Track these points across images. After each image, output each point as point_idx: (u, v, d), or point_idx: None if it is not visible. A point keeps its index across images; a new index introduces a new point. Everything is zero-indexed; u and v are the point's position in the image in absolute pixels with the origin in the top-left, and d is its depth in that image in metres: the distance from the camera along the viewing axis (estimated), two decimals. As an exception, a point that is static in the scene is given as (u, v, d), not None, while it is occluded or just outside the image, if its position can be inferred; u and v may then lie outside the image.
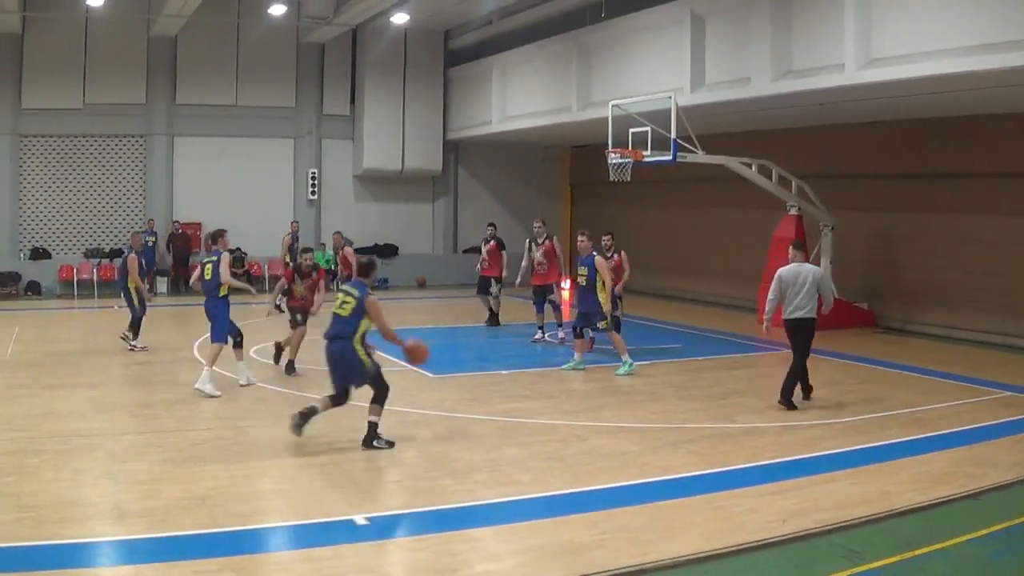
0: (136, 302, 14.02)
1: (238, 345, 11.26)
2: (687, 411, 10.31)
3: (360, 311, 8.34)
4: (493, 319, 16.93)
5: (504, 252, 16.58)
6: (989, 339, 15.60)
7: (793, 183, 17.20)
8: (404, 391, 11.19)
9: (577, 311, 12.86)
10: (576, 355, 12.67)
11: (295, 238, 20.27)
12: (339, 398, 8.50)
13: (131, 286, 13.96)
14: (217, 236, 11.47)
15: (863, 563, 5.87)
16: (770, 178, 16.94)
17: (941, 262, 16.48)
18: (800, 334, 10.33)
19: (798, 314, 10.25)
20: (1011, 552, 6.24)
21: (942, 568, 5.89)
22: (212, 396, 10.51)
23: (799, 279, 10.25)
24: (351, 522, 6.45)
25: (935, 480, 7.63)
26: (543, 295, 15.14)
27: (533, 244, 15.55)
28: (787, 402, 10.25)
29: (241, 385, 11.17)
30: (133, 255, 14.11)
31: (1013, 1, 11.23)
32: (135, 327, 14.11)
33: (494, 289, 16.63)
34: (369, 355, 8.42)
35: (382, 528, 6.45)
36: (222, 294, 10.96)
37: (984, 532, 6.51)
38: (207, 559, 5.76)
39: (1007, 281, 15.46)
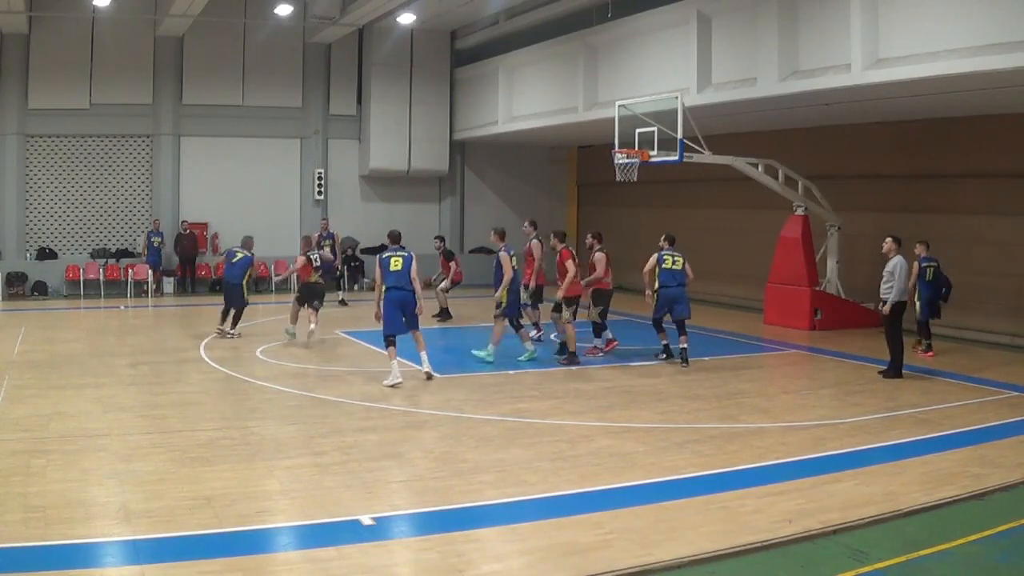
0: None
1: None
2: (693, 411, 10.31)
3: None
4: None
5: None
6: (997, 340, 15.58)
7: (800, 183, 17.19)
8: (410, 391, 11.23)
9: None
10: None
11: (325, 236, 20.08)
12: None
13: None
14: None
15: (869, 563, 5.86)
16: (776, 178, 16.94)
17: (949, 263, 16.38)
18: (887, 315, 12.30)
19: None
20: (1017, 553, 6.22)
21: (948, 569, 5.88)
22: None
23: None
24: (357, 522, 6.46)
25: (941, 480, 7.62)
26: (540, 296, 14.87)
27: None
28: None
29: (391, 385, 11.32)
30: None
31: (1020, 1, 11.20)
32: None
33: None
34: None
35: (388, 528, 6.45)
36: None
37: (990, 532, 6.50)
38: (212, 559, 5.77)
39: (1015, 282, 15.43)
